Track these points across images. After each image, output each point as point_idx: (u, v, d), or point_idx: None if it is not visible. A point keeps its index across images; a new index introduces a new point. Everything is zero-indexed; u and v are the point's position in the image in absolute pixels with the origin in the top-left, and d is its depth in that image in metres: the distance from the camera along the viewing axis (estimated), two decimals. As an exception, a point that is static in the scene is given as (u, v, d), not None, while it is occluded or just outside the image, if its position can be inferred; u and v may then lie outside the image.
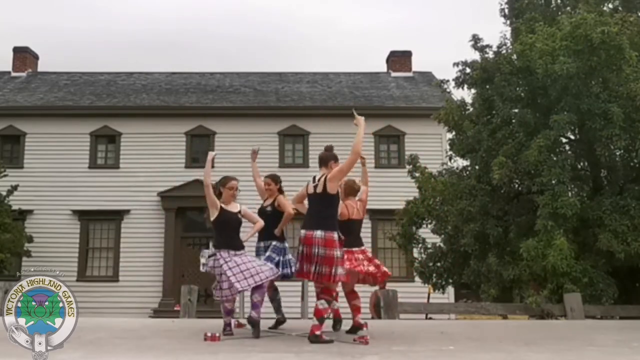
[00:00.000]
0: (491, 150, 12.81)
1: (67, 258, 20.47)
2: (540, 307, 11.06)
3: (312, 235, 6.21)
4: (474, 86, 13.84)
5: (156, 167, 21.87)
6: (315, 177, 6.47)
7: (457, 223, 13.49)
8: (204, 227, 22.12)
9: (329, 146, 6.76)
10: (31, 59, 26.69)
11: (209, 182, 6.55)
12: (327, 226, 6.21)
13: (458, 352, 5.92)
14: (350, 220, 6.85)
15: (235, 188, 6.70)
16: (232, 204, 6.69)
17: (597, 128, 11.86)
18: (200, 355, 5.57)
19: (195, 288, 10.65)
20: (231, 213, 6.61)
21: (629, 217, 11.55)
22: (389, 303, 10.79)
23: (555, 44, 12.23)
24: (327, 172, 6.38)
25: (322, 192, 6.27)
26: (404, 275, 20.77)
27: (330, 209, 6.32)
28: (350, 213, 6.91)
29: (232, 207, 6.68)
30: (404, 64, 26.28)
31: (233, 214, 6.63)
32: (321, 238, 6.16)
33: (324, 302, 6.21)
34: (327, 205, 6.31)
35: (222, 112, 22.86)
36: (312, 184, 6.42)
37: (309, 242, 6.22)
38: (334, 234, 6.21)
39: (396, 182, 19.85)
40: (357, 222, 7.03)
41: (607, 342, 6.91)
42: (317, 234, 6.19)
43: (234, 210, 6.67)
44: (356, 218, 7.00)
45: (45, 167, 21.92)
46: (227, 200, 6.66)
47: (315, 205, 6.39)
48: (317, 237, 6.18)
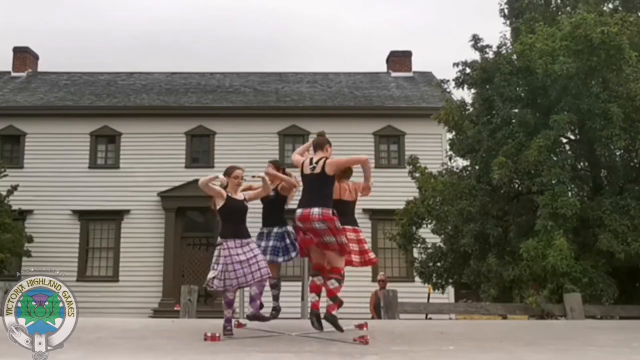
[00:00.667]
0: (491, 150, 12.81)
1: (67, 258, 20.47)
2: (540, 307, 11.06)
3: (309, 212, 6.35)
4: (474, 86, 13.83)
5: (156, 167, 21.87)
6: (312, 159, 6.60)
7: (457, 223, 13.49)
8: (204, 227, 22.24)
9: (322, 132, 7.03)
10: (31, 59, 26.68)
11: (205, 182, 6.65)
12: (323, 203, 6.35)
13: (458, 352, 5.93)
14: (340, 201, 6.81)
15: (241, 177, 6.83)
16: (237, 193, 6.82)
17: (597, 128, 11.86)
18: (200, 355, 5.58)
19: (195, 288, 10.65)
20: (237, 201, 6.73)
21: (629, 217, 11.55)
22: (389, 303, 10.79)
23: (555, 44, 12.23)
24: (324, 155, 6.56)
25: (320, 172, 6.44)
26: (404, 275, 20.79)
27: (326, 189, 6.48)
28: (342, 194, 6.86)
29: (238, 195, 6.81)
30: (404, 64, 26.29)
31: (239, 201, 6.75)
32: (318, 215, 6.31)
33: (334, 281, 6.39)
34: (323, 185, 6.47)
35: (222, 112, 22.86)
36: (310, 165, 6.55)
37: (306, 219, 6.36)
38: (329, 210, 6.35)
39: (396, 182, 19.84)
40: (348, 203, 6.95)
41: (607, 342, 6.91)
42: (314, 211, 6.33)
43: (240, 198, 6.79)
44: (348, 199, 6.93)
45: (45, 167, 21.91)
46: (232, 189, 6.78)
47: (312, 185, 6.52)
48: (314, 213, 6.32)
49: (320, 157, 6.56)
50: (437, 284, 14.77)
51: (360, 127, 22.40)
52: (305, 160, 6.64)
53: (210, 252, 23.20)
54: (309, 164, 6.57)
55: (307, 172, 6.56)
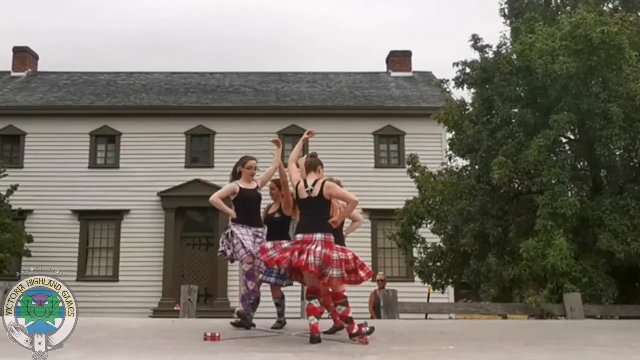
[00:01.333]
0: (491, 150, 12.80)
1: (67, 258, 20.48)
2: (540, 307, 11.05)
3: (311, 238, 6.23)
4: (474, 86, 13.83)
5: (156, 167, 21.88)
6: (305, 181, 6.47)
7: (457, 223, 13.49)
8: (204, 227, 22.27)
9: (314, 153, 6.89)
10: (31, 59, 26.70)
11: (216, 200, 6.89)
12: (325, 229, 6.27)
13: (458, 352, 5.93)
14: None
15: (254, 167, 6.98)
16: (250, 183, 6.98)
17: (597, 128, 11.86)
18: (200, 355, 5.58)
19: (195, 288, 10.64)
20: (250, 190, 6.89)
21: (629, 217, 11.54)
22: (389, 303, 10.79)
23: (555, 44, 12.23)
24: (317, 177, 6.47)
25: (318, 196, 6.32)
26: (404, 275, 20.78)
27: (324, 213, 6.38)
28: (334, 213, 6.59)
29: (251, 185, 6.96)
30: (404, 64, 26.30)
31: (252, 190, 6.91)
32: (321, 241, 6.19)
33: (340, 307, 6.39)
34: (322, 210, 6.37)
35: (222, 112, 22.88)
36: (306, 188, 6.42)
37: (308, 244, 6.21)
38: (331, 236, 6.29)
39: (396, 182, 19.86)
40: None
41: (607, 342, 6.90)
42: (317, 237, 6.21)
43: (252, 188, 6.94)
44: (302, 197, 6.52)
45: (45, 167, 21.93)
46: (246, 179, 6.95)
47: (310, 209, 6.39)
48: (317, 239, 6.21)
49: (314, 179, 6.45)
50: (437, 284, 14.76)
51: (360, 127, 22.41)
52: (300, 183, 6.48)
53: (211, 252, 23.27)
54: (304, 187, 6.44)
55: (304, 196, 6.41)
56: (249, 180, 6.93)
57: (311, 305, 6.23)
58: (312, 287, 6.40)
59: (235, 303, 7.51)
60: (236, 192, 6.85)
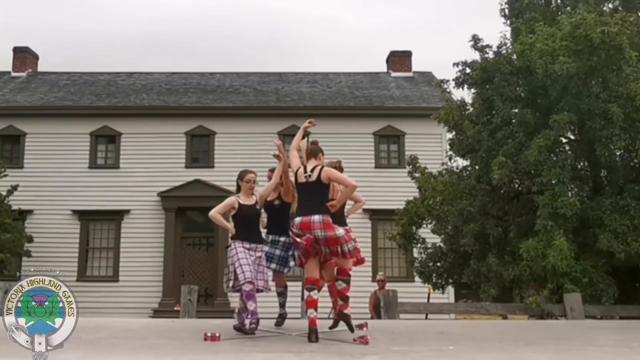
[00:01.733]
0: (491, 150, 12.80)
1: (67, 258, 20.48)
2: (540, 307, 11.06)
3: (309, 220, 6.33)
4: (474, 86, 13.83)
5: (156, 167, 21.87)
6: (305, 167, 6.60)
7: (457, 223, 13.49)
8: (204, 227, 22.23)
9: (315, 140, 6.98)
10: (31, 59, 26.69)
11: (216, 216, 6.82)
12: (322, 211, 6.37)
13: (458, 352, 5.93)
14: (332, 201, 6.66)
15: (253, 181, 6.89)
16: (249, 197, 6.89)
17: (597, 128, 11.86)
18: (200, 355, 5.58)
19: (195, 288, 10.65)
20: (248, 206, 6.81)
21: (629, 217, 11.54)
22: (389, 303, 10.79)
23: (555, 44, 12.23)
24: (318, 163, 6.59)
25: (315, 180, 6.44)
26: (404, 275, 20.78)
27: (322, 196, 6.49)
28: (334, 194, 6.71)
29: (250, 200, 6.87)
30: (404, 64, 26.29)
31: (251, 206, 6.82)
32: (319, 222, 6.31)
33: (341, 282, 6.55)
34: (319, 193, 6.48)
35: (222, 112, 22.87)
36: (304, 174, 6.54)
37: (306, 226, 6.33)
38: (329, 217, 6.38)
39: (396, 182, 19.86)
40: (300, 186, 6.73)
41: (607, 342, 6.91)
42: (314, 219, 6.32)
43: (251, 203, 6.85)
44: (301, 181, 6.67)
45: (45, 167, 21.92)
46: (245, 193, 6.87)
47: (308, 193, 6.51)
48: (314, 221, 6.32)
49: (314, 165, 6.58)
50: (437, 284, 14.77)
51: (360, 127, 22.40)
52: (300, 169, 6.63)
53: (211, 252, 23.27)
54: (303, 172, 6.56)
55: (302, 180, 6.54)
56: (248, 194, 6.86)
57: (310, 297, 6.32)
58: (310, 277, 6.48)
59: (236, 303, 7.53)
60: (235, 207, 6.79)
